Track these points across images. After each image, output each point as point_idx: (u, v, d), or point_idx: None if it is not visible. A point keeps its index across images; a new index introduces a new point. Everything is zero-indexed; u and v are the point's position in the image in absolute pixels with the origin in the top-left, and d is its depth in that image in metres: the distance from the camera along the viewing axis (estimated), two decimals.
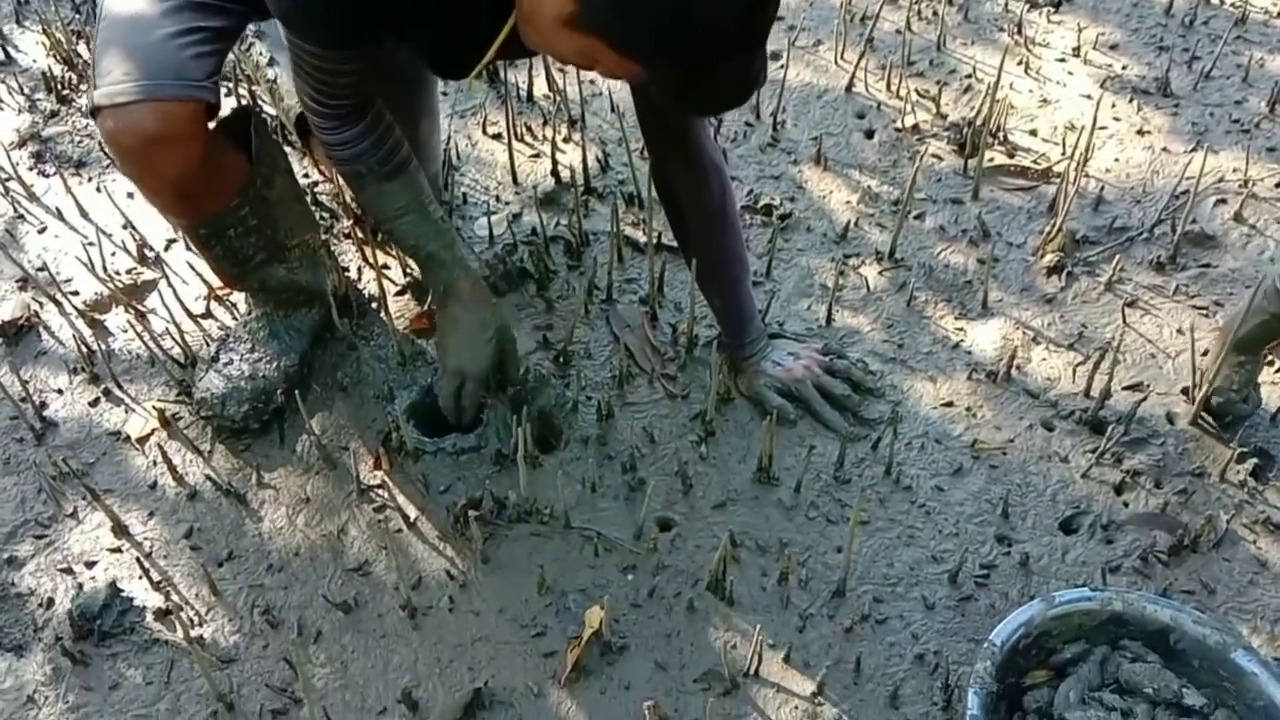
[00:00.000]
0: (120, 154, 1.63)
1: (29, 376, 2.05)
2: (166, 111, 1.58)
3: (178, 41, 1.60)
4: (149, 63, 1.58)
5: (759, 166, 2.45)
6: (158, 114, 1.57)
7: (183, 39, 1.60)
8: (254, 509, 1.87)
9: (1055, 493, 1.88)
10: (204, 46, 1.62)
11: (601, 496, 1.88)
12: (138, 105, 1.56)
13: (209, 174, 1.72)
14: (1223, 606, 1.74)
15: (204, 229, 1.83)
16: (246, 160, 1.81)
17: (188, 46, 1.60)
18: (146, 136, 1.58)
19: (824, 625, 1.72)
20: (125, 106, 1.57)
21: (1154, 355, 2.08)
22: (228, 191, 1.79)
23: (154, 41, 1.59)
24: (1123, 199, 2.37)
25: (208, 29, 1.63)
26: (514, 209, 2.35)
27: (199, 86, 1.60)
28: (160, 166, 1.65)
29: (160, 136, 1.59)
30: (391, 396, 1.99)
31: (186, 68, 1.59)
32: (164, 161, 1.64)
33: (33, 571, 1.80)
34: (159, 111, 1.57)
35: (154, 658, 1.70)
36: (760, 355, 2.01)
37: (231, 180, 1.79)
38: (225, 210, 1.81)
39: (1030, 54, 2.71)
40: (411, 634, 1.72)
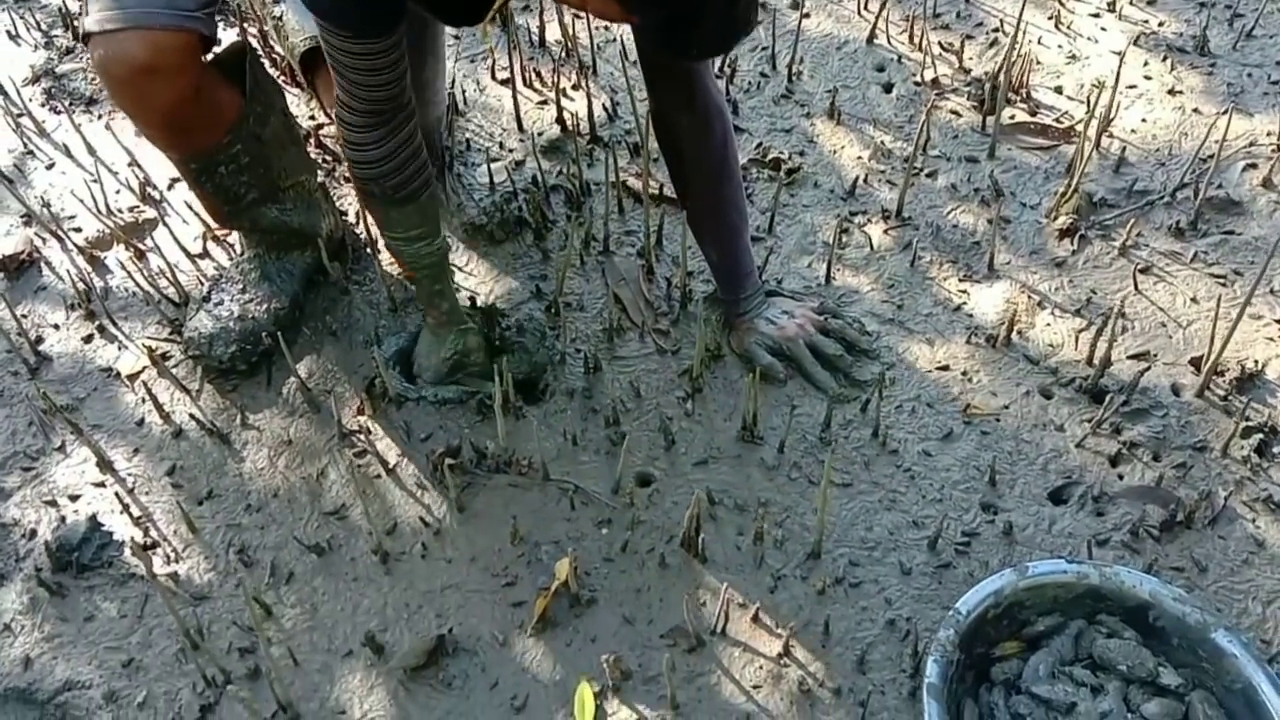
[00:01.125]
0: (110, 82, 1.63)
1: (27, 311, 2.08)
2: (156, 40, 1.57)
3: None
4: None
5: (770, 119, 2.40)
6: (147, 42, 1.56)
7: None
8: (236, 449, 1.88)
9: (1047, 462, 1.83)
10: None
11: (583, 450, 1.86)
12: (127, 33, 1.56)
13: (200, 107, 1.71)
14: (1213, 585, 1.69)
15: (195, 164, 1.82)
16: (241, 97, 1.80)
17: None
18: (135, 65, 1.58)
19: (796, 586, 1.70)
20: (115, 34, 1.56)
21: (1164, 324, 2.01)
22: (220, 127, 1.78)
23: None
24: (1146, 161, 2.28)
25: None
26: (517, 156, 2.32)
27: (190, 16, 1.58)
28: (149, 97, 1.64)
29: (149, 66, 1.58)
30: (379, 342, 1.98)
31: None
32: (153, 92, 1.63)
33: (18, 503, 1.82)
34: (148, 40, 1.56)
35: (129, 592, 1.72)
36: (755, 312, 1.97)
37: (224, 116, 1.78)
38: (217, 146, 1.80)
39: (1063, 7, 2.62)
40: (383, 579, 1.72)
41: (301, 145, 2.00)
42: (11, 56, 2.58)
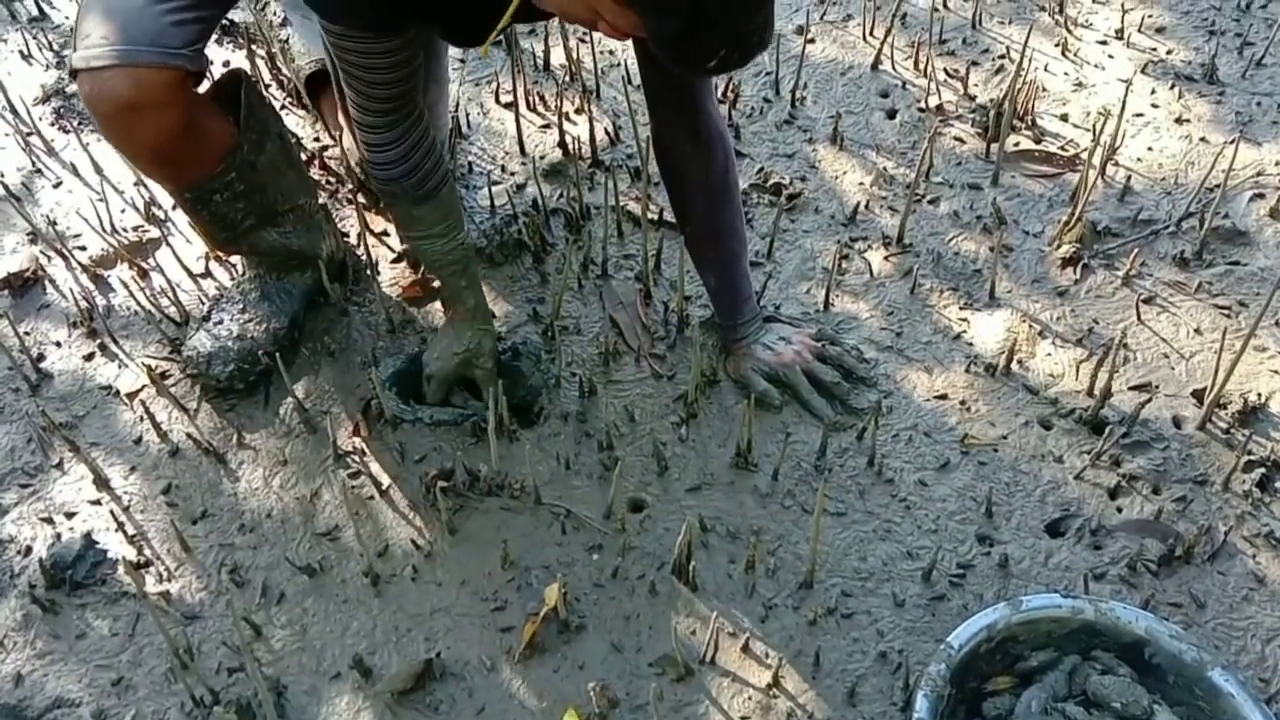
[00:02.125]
0: (97, 119, 1.64)
1: (30, 329, 2.09)
2: (141, 78, 1.57)
3: (159, 8, 1.59)
4: (127, 28, 1.57)
5: (773, 144, 2.39)
6: (132, 80, 1.57)
7: (164, 5, 1.59)
8: (232, 469, 1.88)
9: (1045, 493, 1.82)
10: (187, 14, 1.61)
11: (575, 474, 1.86)
12: (113, 71, 1.56)
13: (190, 140, 1.72)
14: (1212, 622, 1.67)
15: (189, 193, 1.83)
16: (234, 126, 1.80)
17: (169, 13, 1.59)
18: (121, 103, 1.58)
19: (787, 616, 1.68)
20: (101, 71, 1.57)
21: (1166, 355, 2.00)
22: (211, 158, 1.79)
23: (134, 6, 1.59)
24: (1151, 190, 2.27)
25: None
26: (519, 179, 2.33)
27: (176, 54, 1.59)
28: (136, 133, 1.65)
29: (135, 103, 1.58)
30: (376, 363, 1.99)
31: (165, 35, 1.58)
32: (140, 128, 1.64)
33: (15, 519, 1.83)
34: (134, 78, 1.57)
35: (121, 610, 1.72)
36: (752, 338, 1.97)
37: (216, 147, 1.79)
38: (210, 175, 1.80)
39: (1070, 35, 2.61)
40: (373, 601, 1.72)
41: (300, 169, 2.00)
42: (23, 76, 2.60)
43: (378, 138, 1.69)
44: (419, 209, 1.78)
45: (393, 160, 1.71)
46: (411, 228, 1.82)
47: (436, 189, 1.77)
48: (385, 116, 1.66)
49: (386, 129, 1.68)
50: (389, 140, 1.69)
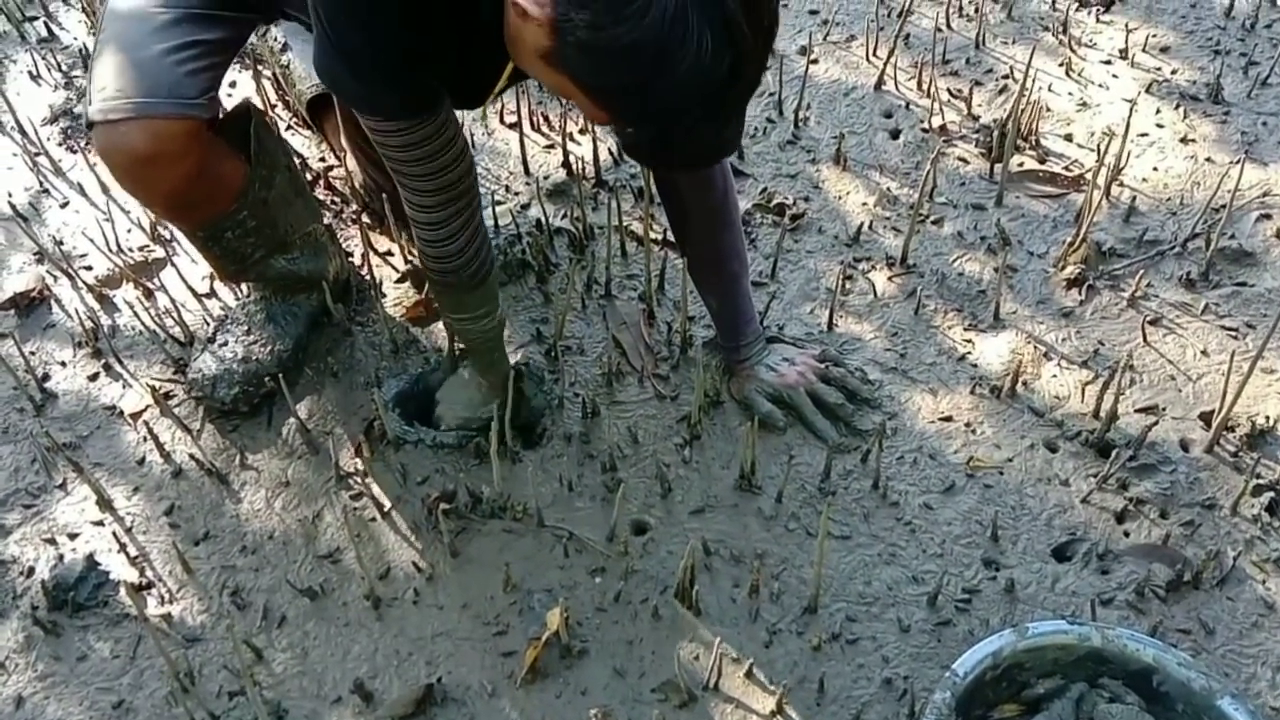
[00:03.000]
0: (113, 170, 1.64)
1: (36, 348, 2.09)
2: (158, 130, 1.57)
3: (173, 58, 1.59)
4: (143, 80, 1.57)
5: (776, 164, 2.39)
6: (149, 132, 1.57)
7: (178, 54, 1.59)
8: (235, 490, 1.88)
9: (1051, 517, 1.81)
10: (200, 62, 1.61)
11: (578, 496, 1.85)
12: (130, 123, 1.56)
13: (204, 185, 1.72)
14: (1221, 649, 1.65)
15: (202, 232, 1.83)
16: (245, 163, 1.80)
17: (184, 63, 1.59)
18: (137, 155, 1.58)
19: (791, 641, 1.67)
20: (117, 124, 1.56)
21: (1173, 377, 1.99)
22: (225, 199, 1.79)
23: (149, 57, 1.58)
24: (1157, 210, 2.26)
25: (206, 42, 1.62)
26: (523, 199, 2.33)
27: (192, 104, 1.59)
28: (152, 183, 1.66)
29: (151, 155, 1.58)
30: (379, 384, 1.99)
31: (181, 85, 1.58)
32: (156, 178, 1.64)
33: (18, 540, 1.83)
34: (151, 130, 1.57)
35: (123, 632, 1.72)
36: (755, 359, 1.96)
37: (228, 188, 1.79)
38: (223, 215, 1.80)
39: (1074, 55, 2.61)
40: (374, 624, 1.71)
41: (308, 196, 2.00)
42: (32, 96, 2.61)
43: (435, 234, 1.65)
44: (470, 296, 1.75)
45: (452, 254, 1.67)
46: (457, 311, 1.80)
47: (489, 274, 1.75)
48: (439, 211, 1.62)
49: (442, 224, 1.64)
50: (447, 235, 1.65)
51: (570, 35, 1.19)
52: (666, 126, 1.28)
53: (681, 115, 1.26)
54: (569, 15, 1.18)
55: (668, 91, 1.22)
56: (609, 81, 1.24)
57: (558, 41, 1.21)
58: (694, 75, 1.20)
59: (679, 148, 1.35)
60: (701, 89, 1.22)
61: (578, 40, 1.19)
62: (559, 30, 1.20)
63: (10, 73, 2.69)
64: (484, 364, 1.90)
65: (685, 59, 1.18)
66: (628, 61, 1.19)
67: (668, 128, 1.28)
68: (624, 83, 1.23)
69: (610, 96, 1.27)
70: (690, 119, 1.27)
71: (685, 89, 1.22)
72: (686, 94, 1.22)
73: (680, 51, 1.18)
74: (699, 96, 1.23)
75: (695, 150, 1.39)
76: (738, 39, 1.20)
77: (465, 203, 1.64)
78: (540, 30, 1.22)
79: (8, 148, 2.48)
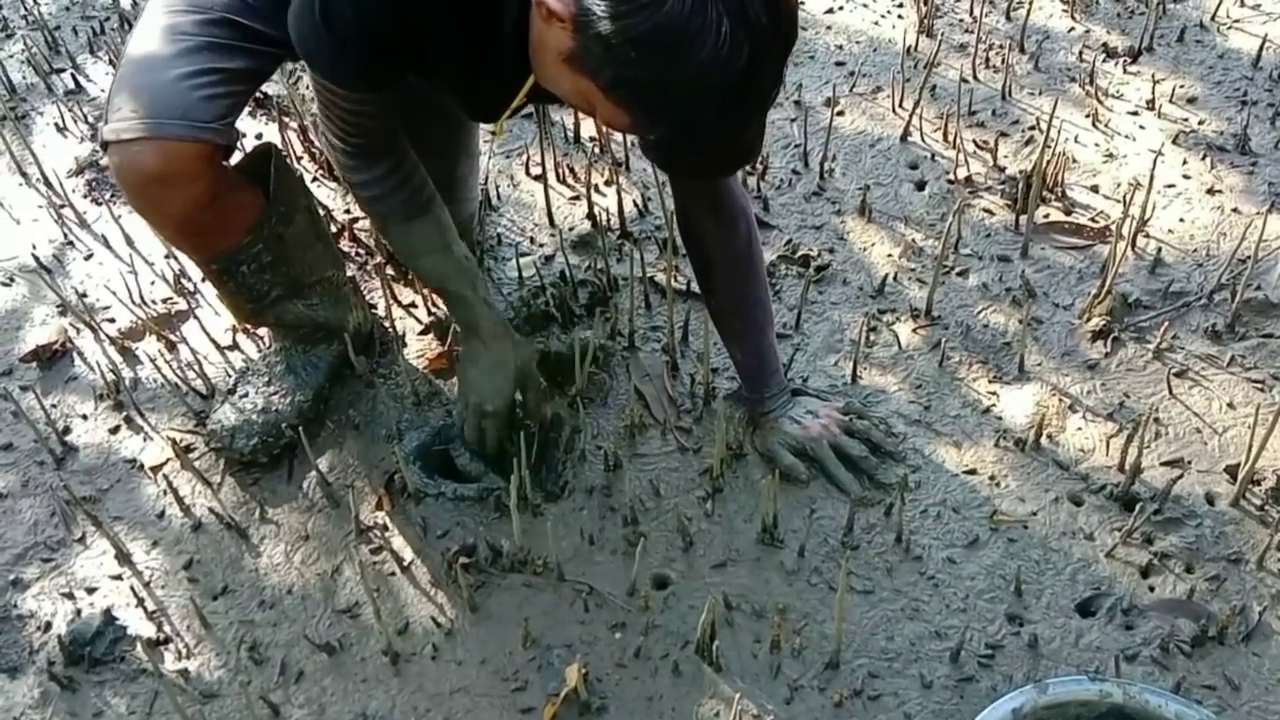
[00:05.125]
0: (126, 190, 1.66)
1: (57, 401, 2.10)
2: (170, 151, 1.59)
3: (190, 82, 1.61)
4: (157, 102, 1.59)
5: (801, 216, 2.39)
6: (161, 153, 1.59)
7: (195, 80, 1.61)
8: (254, 544, 1.87)
9: (1075, 572, 1.78)
10: (217, 88, 1.63)
11: (599, 549, 1.83)
12: (142, 143, 1.58)
13: (217, 212, 1.73)
14: (1246, 706, 1.62)
15: (216, 264, 1.84)
16: (263, 197, 1.82)
17: (200, 88, 1.61)
18: (149, 175, 1.60)
19: (813, 698, 1.65)
20: (130, 144, 1.59)
21: (1199, 430, 1.96)
22: (239, 229, 1.80)
23: (165, 81, 1.61)
24: (1183, 262, 2.24)
25: (225, 70, 1.65)
26: (547, 251, 2.33)
27: (205, 128, 1.60)
28: (163, 204, 1.67)
29: (162, 175, 1.60)
30: (400, 436, 1.98)
31: (195, 109, 1.60)
32: (167, 200, 1.66)
33: (35, 595, 1.83)
34: (162, 150, 1.59)
35: (139, 688, 1.70)
36: (779, 411, 1.94)
37: (243, 218, 1.80)
38: (237, 247, 1.82)
39: (1100, 105, 2.60)
40: (392, 680, 1.69)
41: (328, 241, 2.01)
42: (58, 148, 2.64)
43: (355, 161, 1.69)
44: (413, 224, 1.76)
45: (374, 179, 1.71)
46: (410, 247, 1.81)
47: (429, 203, 1.76)
48: (363, 148, 1.68)
49: (362, 156, 1.69)
50: (367, 163, 1.69)
51: (591, 29, 1.24)
52: (686, 124, 1.30)
53: (701, 110, 1.27)
54: (589, 8, 1.23)
55: (686, 83, 1.24)
56: (628, 73, 1.26)
57: (580, 37, 1.26)
58: (712, 66, 1.23)
59: (699, 150, 1.36)
60: (721, 81, 1.25)
61: (598, 33, 1.24)
62: (581, 25, 1.25)
63: (37, 125, 2.73)
64: (466, 310, 1.83)
65: (704, 48, 1.21)
66: (647, 50, 1.23)
67: (687, 126, 1.30)
68: (643, 74, 1.26)
69: (630, 91, 1.29)
70: (709, 114, 1.28)
71: (704, 80, 1.24)
72: (705, 85, 1.25)
73: (699, 40, 1.21)
74: (718, 89, 1.26)
75: (716, 153, 1.40)
76: (756, 30, 1.23)
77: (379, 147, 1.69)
78: (564, 30, 1.27)
79: (33, 200, 2.51)
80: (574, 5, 1.25)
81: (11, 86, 2.81)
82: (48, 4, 3.13)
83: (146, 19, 1.68)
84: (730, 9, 1.21)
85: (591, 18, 1.23)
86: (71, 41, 2.97)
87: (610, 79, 1.28)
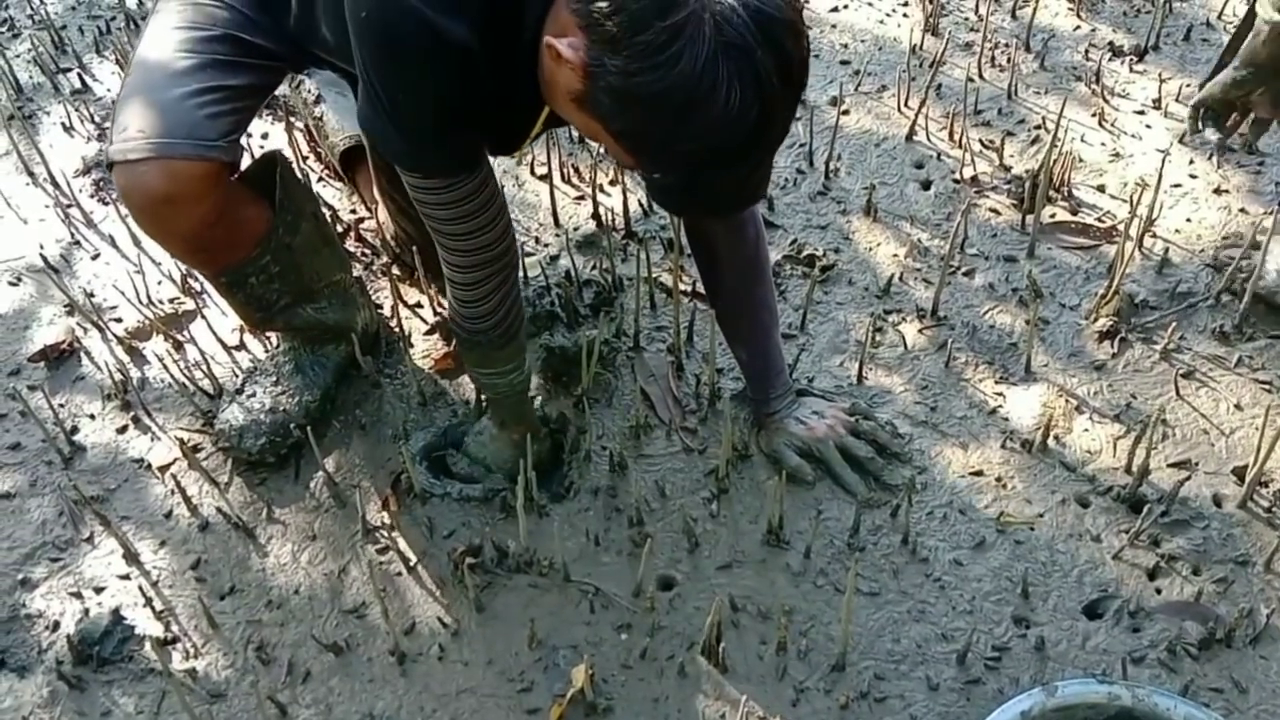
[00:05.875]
0: (132, 211, 1.65)
1: (65, 401, 2.11)
2: (176, 171, 1.58)
3: (194, 101, 1.60)
4: (162, 121, 1.58)
5: (806, 215, 2.39)
6: (167, 173, 1.58)
7: (200, 98, 1.61)
8: (261, 544, 1.88)
9: (1082, 574, 1.78)
10: (222, 106, 1.62)
11: (605, 550, 1.84)
12: (148, 164, 1.57)
13: (224, 229, 1.73)
14: (1254, 709, 1.62)
15: (225, 278, 1.84)
16: (269, 209, 1.81)
17: (205, 106, 1.61)
18: (155, 195, 1.59)
19: (819, 700, 1.65)
20: (136, 164, 1.58)
21: (1206, 431, 1.96)
22: (246, 243, 1.79)
23: (170, 100, 1.60)
24: (1190, 262, 2.24)
25: (229, 88, 1.64)
26: (552, 251, 2.33)
27: (212, 146, 1.59)
28: (170, 224, 1.66)
29: (169, 196, 1.59)
30: (407, 436, 1.98)
31: (201, 127, 1.59)
32: (174, 220, 1.65)
33: (44, 594, 1.83)
34: (168, 170, 1.58)
35: (147, 687, 1.71)
36: (784, 412, 1.94)
37: (251, 232, 1.79)
38: (246, 260, 1.81)
39: (1107, 105, 2.60)
40: (399, 680, 1.70)
41: (335, 245, 2.01)
42: (64, 148, 2.64)
43: (470, 294, 1.67)
44: (498, 353, 1.77)
45: (484, 314, 1.69)
46: (483, 366, 1.81)
47: (517, 333, 1.76)
48: (474, 272, 1.64)
49: (478, 285, 1.65)
50: (480, 296, 1.67)
51: (602, 80, 1.23)
52: (693, 173, 1.31)
53: (708, 163, 1.28)
54: (601, 61, 1.22)
55: (695, 139, 1.25)
56: (638, 127, 1.27)
57: (590, 86, 1.26)
58: (721, 125, 1.23)
59: (705, 195, 1.38)
60: (728, 139, 1.25)
61: (609, 85, 1.23)
62: (591, 75, 1.24)
63: (44, 124, 2.73)
64: (509, 417, 1.90)
65: (714, 109, 1.21)
66: (657, 109, 1.22)
67: (694, 175, 1.31)
68: (652, 129, 1.26)
69: (639, 141, 1.30)
70: (716, 167, 1.29)
71: (712, 138, 1.25)
72: (713, 143, 1.25)
73: (709, 101, 1.21)
74: (726, 146, 1.26)
75: (722, 198, 1.42)
76: (766, 92, 1.23)
77: (501, 265, 1.66)
78: (574, 74, 1.26)
79: (40, 199, 2.51)
80: (585, 53, 1.24)
81: (18, 86, 2.81)
82: (54, 3, 3.12)
83: (149, 37, 1.67)
84: (741, 70, 1.20)
85: (602, 69, 1.23)
86: (78, 41, 2.97)
87: (619, 129, 1.29)
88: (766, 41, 1.21)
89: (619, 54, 1.21)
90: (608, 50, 1.21)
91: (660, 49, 1.18)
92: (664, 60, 1.19)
